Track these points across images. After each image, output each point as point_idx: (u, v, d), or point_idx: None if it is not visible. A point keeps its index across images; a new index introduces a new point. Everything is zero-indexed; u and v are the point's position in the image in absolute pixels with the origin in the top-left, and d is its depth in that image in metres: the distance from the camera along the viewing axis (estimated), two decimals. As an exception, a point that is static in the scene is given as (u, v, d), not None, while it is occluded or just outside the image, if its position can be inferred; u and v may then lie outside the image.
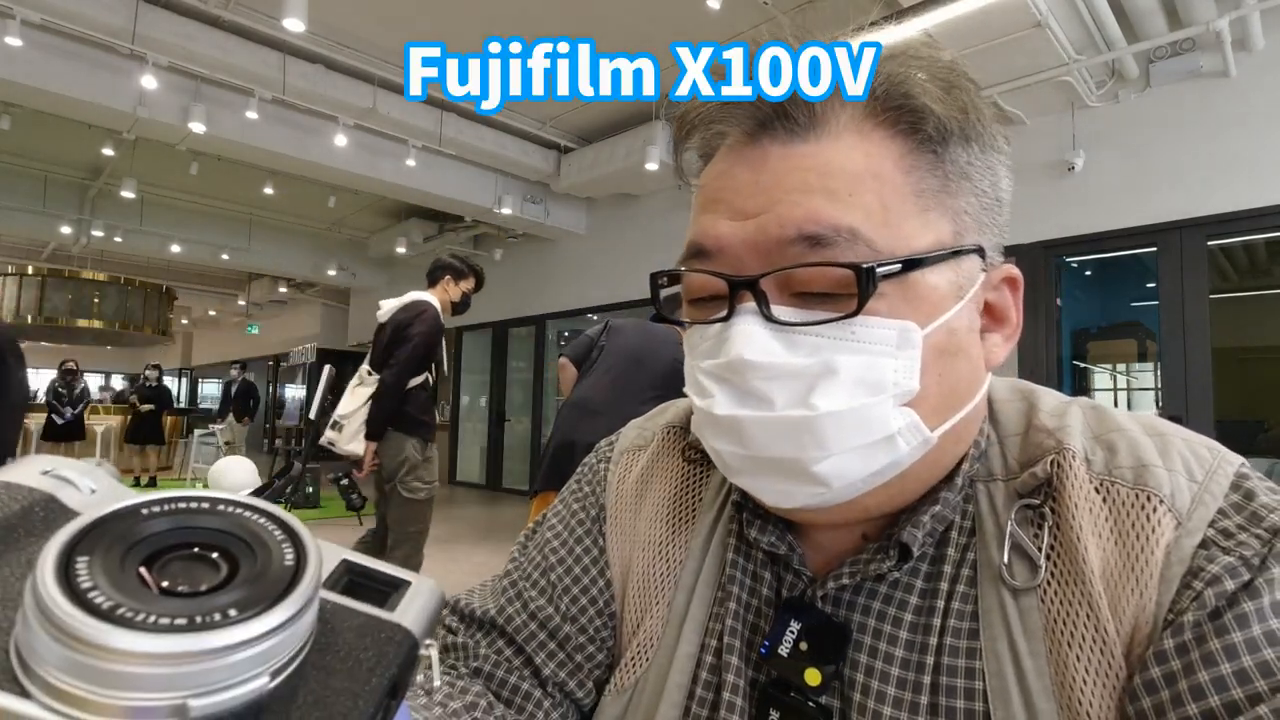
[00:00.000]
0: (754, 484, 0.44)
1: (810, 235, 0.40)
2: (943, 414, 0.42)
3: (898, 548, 0.44)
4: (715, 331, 0.43)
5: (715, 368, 0.42)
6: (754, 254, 0.41)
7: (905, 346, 0.40)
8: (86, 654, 0.16)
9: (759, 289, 0.41)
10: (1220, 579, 0.37)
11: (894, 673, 0.42)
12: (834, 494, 0.42)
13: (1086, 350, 5.98)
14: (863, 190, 0.40)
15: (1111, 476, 0.42)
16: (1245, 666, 0.34)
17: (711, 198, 0.44)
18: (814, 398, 0.39)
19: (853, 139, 0.42)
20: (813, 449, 0.40)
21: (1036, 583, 0.41)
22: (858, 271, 0.39)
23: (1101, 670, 0.38)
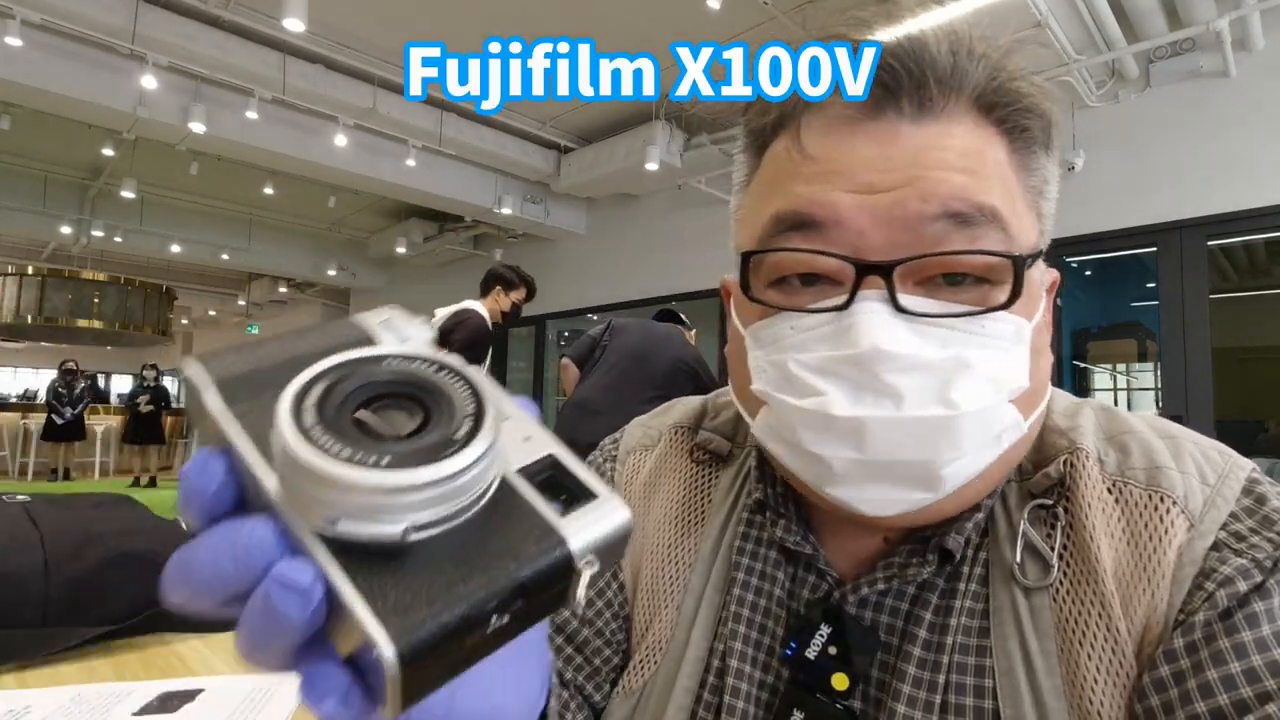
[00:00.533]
0: (857, 493, 0.40)
1: (956, 212, 0.38)
2: (1031, 410, 0.42)
3: (938, 553, 0.43)
4: (824, 320, 0.39)
5: (829, 361, 0.38)
6: (883, 231, 0.38)
7: (1019, 342, 0.39)
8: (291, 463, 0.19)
9: (891, 276, 0.38)
10: (1232, 580, 0.37)
11: (910, 672, 0.42)
12: (938, 498, 0.39)
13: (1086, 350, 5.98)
14: (994, 175, 0.40)
15: (1124, 477, 0.42)
16: (1255, 665, 0.34)
17: (822, 169, 0.40)
18: (953, 394, 0.37)
19: (973, 127, 0.41)
20: (947, 450, 0.37)
21: (1049, 582, 0.41)
22: (1015, 261, 0.38)
23: (1113, 669, 0.38)
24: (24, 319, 11.55)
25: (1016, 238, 0.39)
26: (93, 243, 9.78)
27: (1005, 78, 0.41)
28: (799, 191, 0.40)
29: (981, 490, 0.43)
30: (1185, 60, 4.13)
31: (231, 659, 0.91)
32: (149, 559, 0.98)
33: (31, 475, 9.65)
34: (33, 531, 0.94)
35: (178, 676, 0.85)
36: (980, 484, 0.42)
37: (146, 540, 1.00)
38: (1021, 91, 0.41)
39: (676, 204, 6.99)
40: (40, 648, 0.87)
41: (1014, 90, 0.41)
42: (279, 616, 0.19)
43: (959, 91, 0.40)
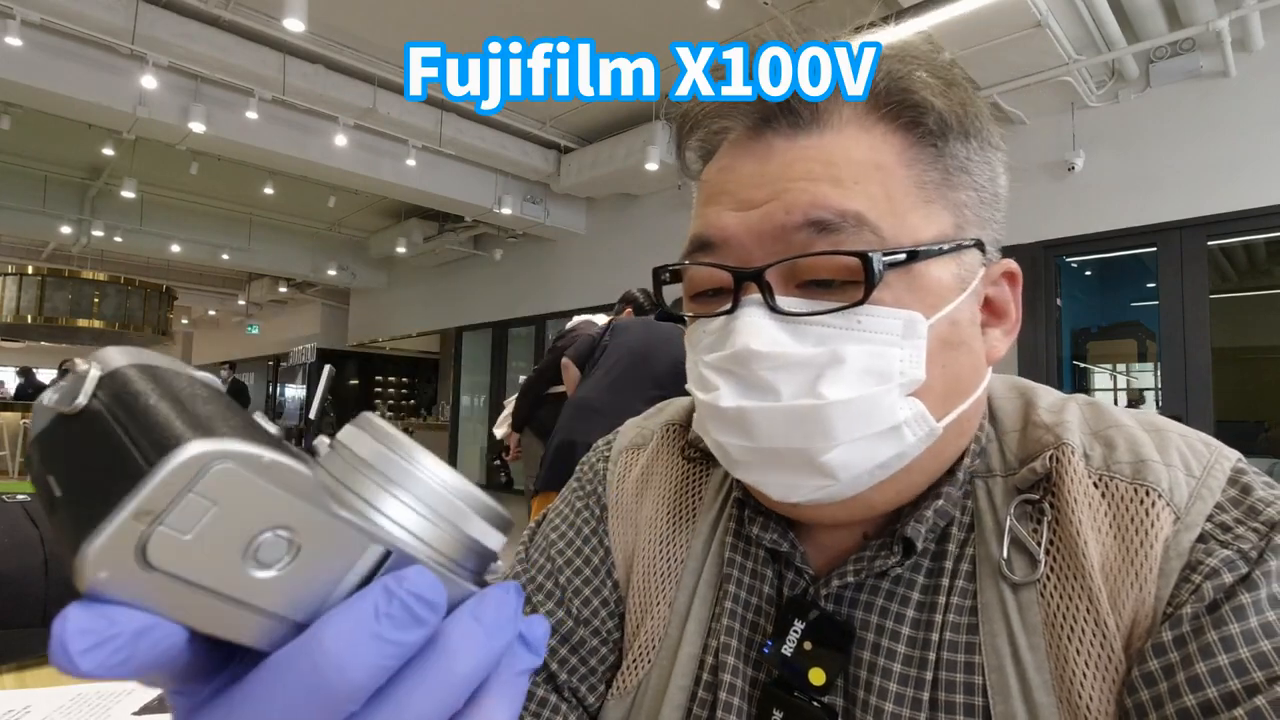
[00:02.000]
0: (759, 478, 0.43)
1: (817, 220, 0.40)
2: (947, 405, 0.42)
3: (901, 543, 0.44)
4: (719, 324, 0.43)
5: (720, 360, 0.42)
6: (759, 242, 0.42)
7: (911, 336, 0.40)
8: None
9: (764, 280, 0.41)
10: (1218, 572, 0.37)
11: (896, 669, 0.42)
12: (841, 486, 0.41)
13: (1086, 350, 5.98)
14: (867, 179, 0.41)
15: (1110, 472, 0.42)
16: (1242, 658, 0.34)
17: (715, 191, 0.45)
18: (821, 386, 0.39)
19: (855, 132, 0.42)
20: (820, 439, 0.40)
21: (1036, 577, 0.41)
22: (864, 259, 0.39)
23: (1101, 664, 0.38)
24: (24, 319, 11.54)
25: (891, 237, 0.40)
26: (93, 243, 9.78)
27: (885, 80, 0.43)
28: (704, 213, 0.45)
29: (912, 484, 0.44)
30: (1185, 60, 4.13)
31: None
32: (149, 559, 0.98)
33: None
34: (33, 531, 0.94)
35: (178, 676, 0.85)
36: (908, 477, 0.43)
37: (146, 540, 1.00)
38: (907, 89, 0.43)
39: (676, 204, 6.99)
40: (40, 648, 0.87)
41: (898, 90, 0.43)
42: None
43: (832, 103, 0.43)
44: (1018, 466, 0.45)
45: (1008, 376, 0.53)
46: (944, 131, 0.43)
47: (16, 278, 11.53)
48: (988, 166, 0.45)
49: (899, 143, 0.43)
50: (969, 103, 0.44)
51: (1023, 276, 0.48)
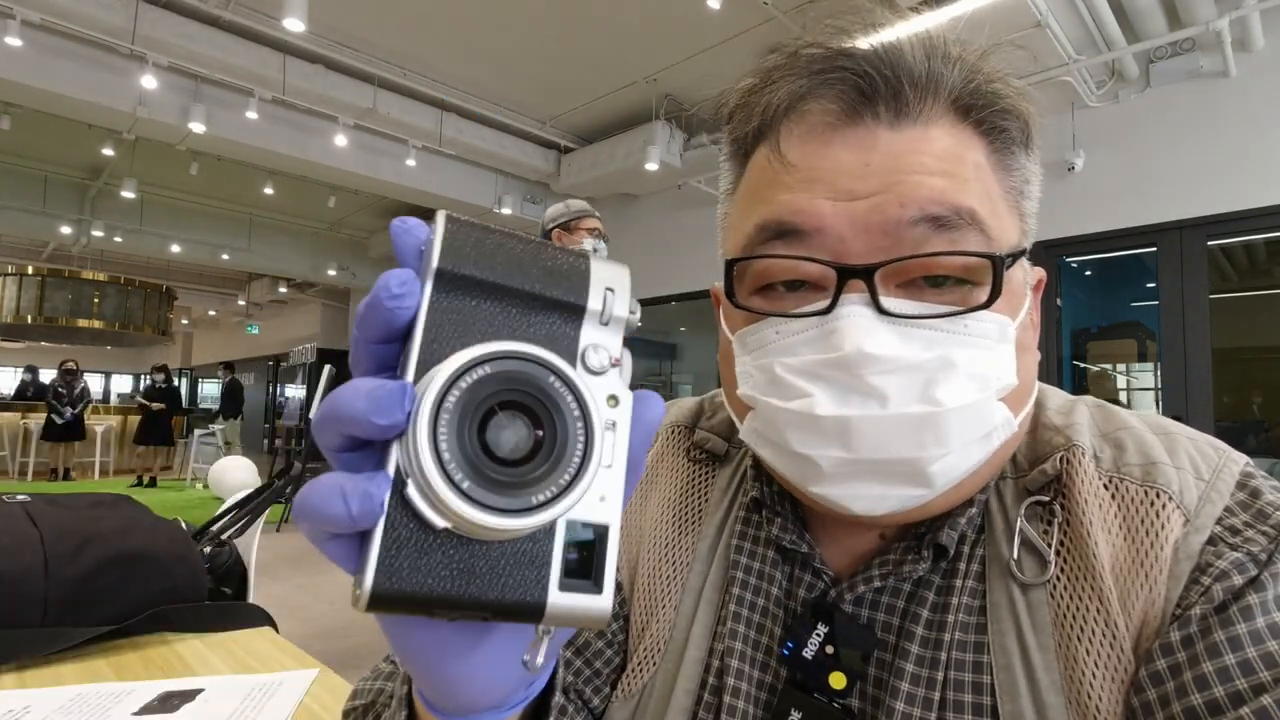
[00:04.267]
0: (849, 491, 0.40)
1: (935, 216, 0.38)
2: (1020, 407, 0.42)
3: (932, 549, 0.43)
4: (809, 324, 0.40)
5: (814, 364, 0.39)
6: (864, 236, 0.39)
7: (1003, 340, 0.40)
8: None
9: (873, 279, 0.38)
10: (1228, 574, 0.37)
11: (909, 669, 0.42)
12: (931, 495, 0.40)
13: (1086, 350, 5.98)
14: (973, 178, 0.40)
15: (1120, 474, 0.42)
16: (1249, 657, 0.35)
17: (803, 177, 0.41)
18: (937, 392, 0.38)
19: (950, 129, 0.41)
20: (934, 446, 0.38)
21: (1046, 578, 0.41)
22: (995, 261, 0.38)
23: (1111, 664, 0.38)
24: (24, 319, 11.55)
25: (996, 238, 0.40)
26: (93, 243, 9.78)
27: (982, 80, 0.42)
28: (781, 199, 0.41)
29: (972, 488, 0.43)
30: (1185, 60, 4.13)
31: (231, 659, 0.91)
32: (149, 559, 0.98)
33: (31, 475, 9.64)
34: (33, 531, 0.94)
35: (178, 676, 0.85)
36: (971, 482, 0.42)
37: (146, 540, 1.00)
38: (998, 93, 0.42)
39: (676, 204, 6.99)
40: (40, 648, 0.87)
41: (990, 92, 0.42)
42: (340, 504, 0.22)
43: (935, 95, 0.41)
44: (1028, 468, 0.45)
45: None
46: (1023, 141, 0.43)
47: (16, 278, 11.54)
48: (1038, 180, 0.46)
49: (985, 147, 0.42)
50: (1036, 115, 0.44)
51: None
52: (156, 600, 0.97)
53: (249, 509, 1.55)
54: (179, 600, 1.00)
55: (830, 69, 0.41)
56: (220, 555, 1.17)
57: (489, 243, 0.26)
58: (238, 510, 1.53)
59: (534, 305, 0.25)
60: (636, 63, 5.55)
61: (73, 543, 0.94)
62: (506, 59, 5.60)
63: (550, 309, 0.25)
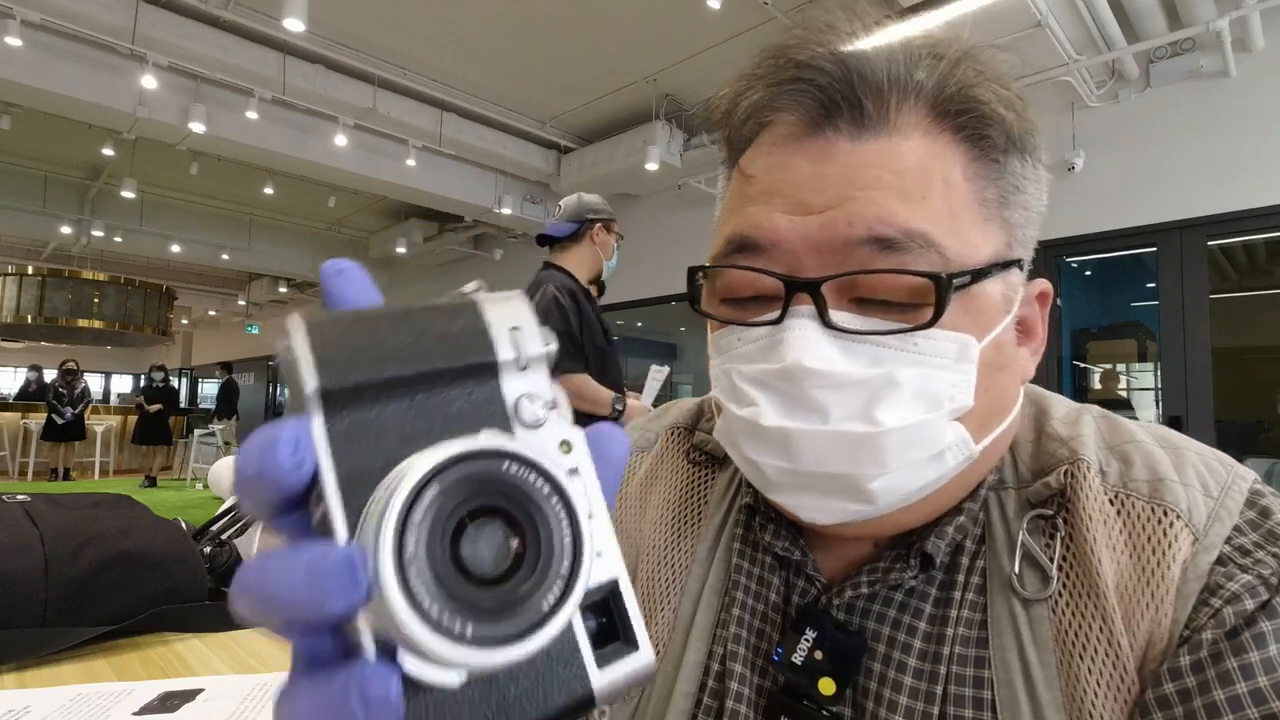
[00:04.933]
0: (793, 500, 0.41)
1: (882, 237, 0.38)
2: (986, 428, 0.41)
3: (919, 558, 0.43)
4: (762, 334, 0.40)
5: (762, 374, 0.39)
6: (815, 253, 0.39)
7: (963, 360, 0.39)
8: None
9: (819, 292, 0.39)
10: (1239, 597, 0.36)
11: (906, 682, 0.41)
12: (876, 511, 0.40)
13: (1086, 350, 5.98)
14: (934, 193, 0.39)
15: (1127, 489, 0.41)
16: (1261, 687, 0.34)
17: (764, 189, 0.41)
18: (877, 412, 0.37)
19: (921, 139, 0.40)
20: (870, 466, 0.38)
21: (1048, 593, 0.40)
22: (937, 281, 0.37)
23: (1114, 683, 0.37)
24: (24, 319, 11.55)
25: (954, 257, 0.38)
26: (93, 243, 9.78)
27: (957, 86, 0.41)
28: (746, 213, 0.42)
29: (941, 503, 0.43)
30: (1185, 60, 4.13)
31: (231, 659, 0.91)
32: (149, 559, 0.98)
33: (31, 475, 9.64)
34: (33, 531, 0.94)
35: (178, 676, 0.85)
36: (938, 498, 0.42)
37: (146, 540, 1.00)
38: (978, 99, 0.40)
39: (676, 204, 6.99)
40: (40, 648, 0.87)
41: (968, 98, 0.40)
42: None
43: (902, 104, 0.40)
44: (1030, 479, 0.44)
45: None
46: (1007, 147, 0.41)
47: (16, 278, 11.54)
48: (1036, 185, 0.44)
49: (963, 155, 0.41)
50: (1029, 118, 0.42)
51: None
52: (156, 600, 0.97)
53: (249, 509, 1.54)
54: (179, 600, 0.99)
55: (792, 80, 0.41)
56: (220, 555, 1.17)
57: (362, 332, 0.22)
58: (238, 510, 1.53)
59: (441, 383, 0.21)
60: (636, 63, 5.55)
61: (73, 543, 0.94)
62: (506, 59, 5.60)
63: (461, 379, 0.22)
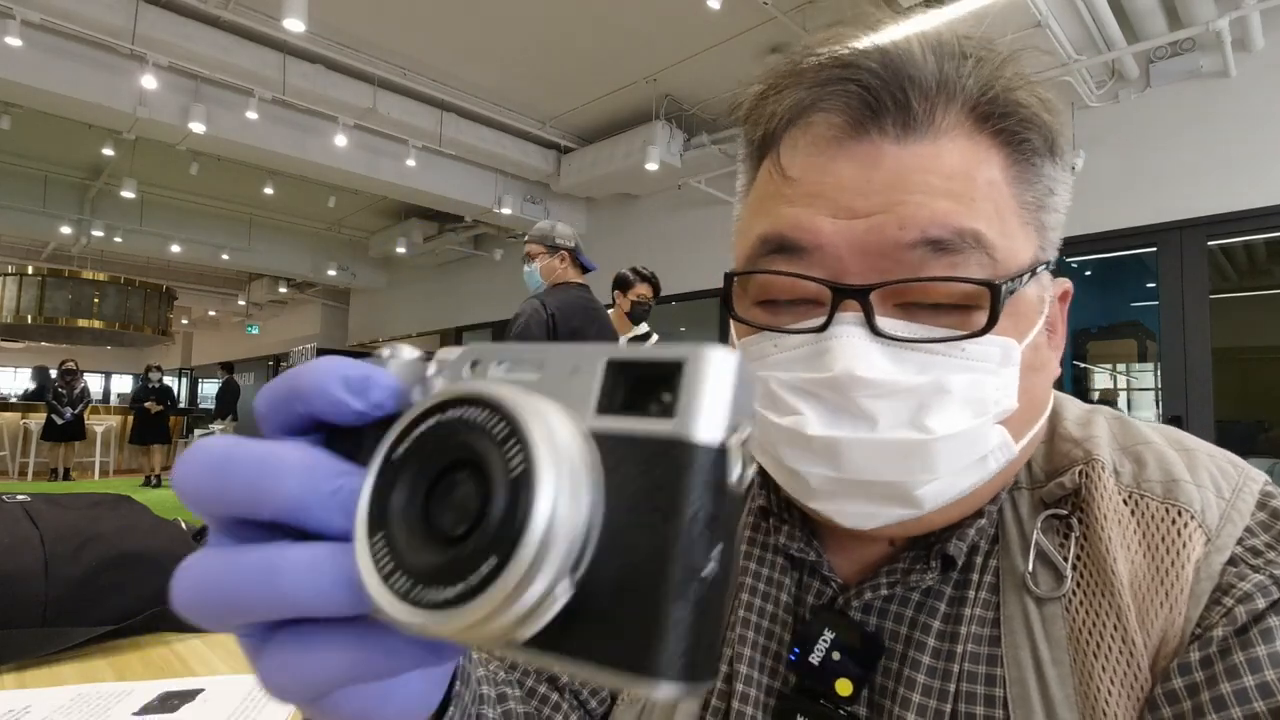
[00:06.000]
0: (837, 508, 0.41)
1: (935, 239, 0.37)
2: (1024, 429, 0.41)
3: (940, 559, 0.43)
4: (803, 341, 0.40)
5: (806, 382, 0.39)
6: (861, 257, 0.38)
7: (1007, 364, 0.39)
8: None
9: (867, 300, 0.38)
10: (1251, 596, 0.37)
11: (920, 680, 0.42)
12: (920, 514, 0.40)
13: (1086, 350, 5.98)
14: (981, 195, 0.39)
15: (1141, 490, 0.42)
16: (1268, 680, 0.34)
17: (806, 191, 0.40)
18: (927, 419, 0.37)
19: (965, 143, 0.40)
20: (921, 472, 0.38)
21: (1062, 592, 0.40)
22: (993, 289, 0.37)
23: (1127, 682, 0.38)
24: (24, 319, 11.55)
25: (1003, 260, 0.38)
26: (93, 243, 9.78)
27: (1001, 88, 0.40)
28: (783, 214, 0.41)
29: (972, 505, 0.43)
30: (1185, 60, 4.13)
31: (231, 659, 0.91)
32: (149, 559, 0.98)
33: (31, 475, 9.64)
34: (33, 531, 0.94)
35: (178, 676, 0.85)
36: (970, 500, 0.42)
37: (146, 540, 1.00)
38: (1019, 102, 0.40)
39: (676, 204, 6.99)
40: (40, 648, 0.87)
41: (1010, 101, 0.40)
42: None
43: (947, 105, 0.40)
44: (1044, 479, 0.45)
45: None
46: (1045, 151, 0.41)
47: (16, 278, 11.53)
48: (1065, 188, 0.44)
49: (1003, 158, 0.40)
50: (1060, 123, 0.42)
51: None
52: (156, 600, 0.97)
53: (249, 509, 1.54)
54: (179, 600, 0.99)
55: (835, 80, 0.40)
56: (220, 555, 1.18)
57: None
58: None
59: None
60: (636, 63, 5.55)
61: (73, 543, 0.94)
62: (506, 59, 5.60)
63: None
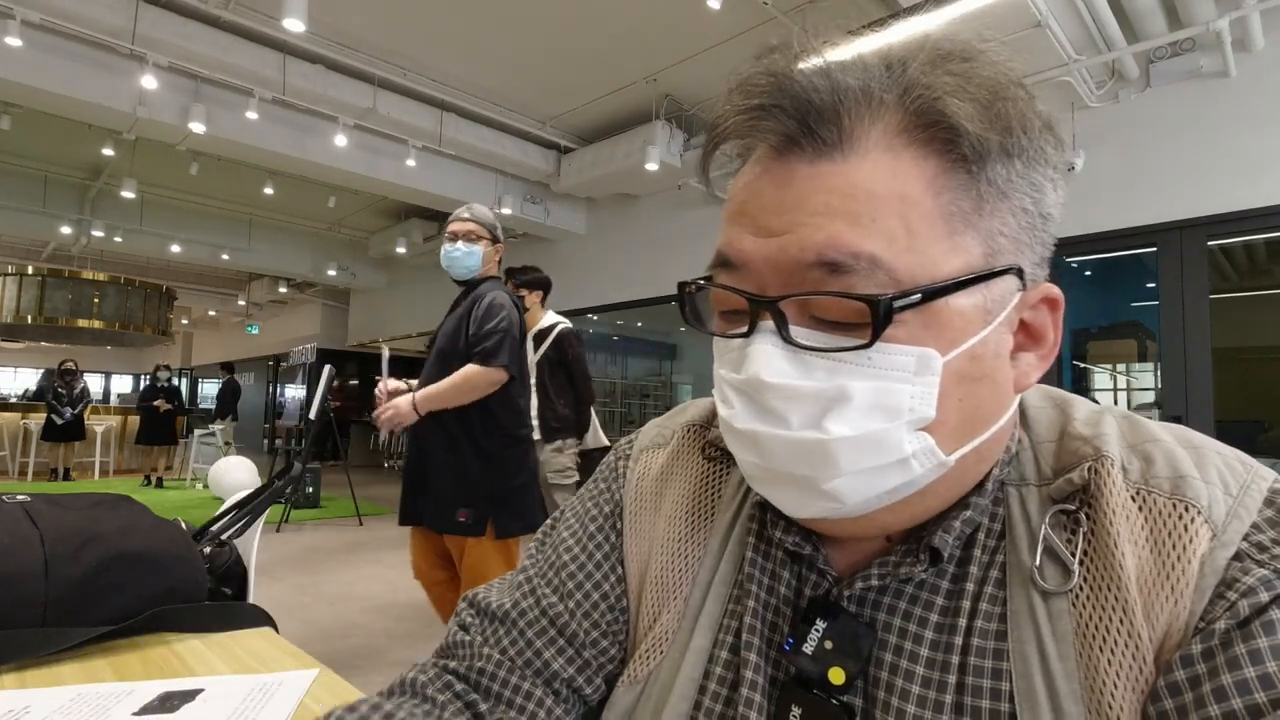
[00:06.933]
0: (772, 493, 0.45)
1: (829, 261, 0.39)
2: (963, 437, 0.42)
3: (928, 552, 0.44)
4: (737, 346, 0.43)
5: (735, 382, 0.43)
6: (775, 273, 0.41)
7: (924, 373, 0.40)
8: None
9: (778, 310, 0.41)
10: (1255, 590, 0.37)
11: (919, 672, 0.43)
12: (848, 509, 0.42)
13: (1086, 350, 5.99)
14: (887, 214, 0.39)
15: (1148, 486, 0.42)
16: (1269, 671, 0.35)
17: (738, 210, 0.44)
18: (827, 421, 0.40)
19: (882, 158, 0.40)
20: (823, 469, 0.41)
21: (1069, 587, 0.41)
22: (872, 305, 0.38)
23: (1132, 675, 0.38)
24: (24, 319, 11.54)
25: (909, 276, 0.39)
26: (93, 243, 9.77)
27: (921, 100, 0.40)
28: (726, 231, 0.45)
29: (928, 506, 0.44)
30: (1185, 60, 4.13)
31: (231, 659, 0.91)
32: (149, 559, 0.98)
33: (31, 475, 9.65)
34: (33, 531, 0.94)
35: (178, 676, 0.85)
36: (924, 500, 0.44)
37: (146, 540, 1.00)
38: (943, 111, 0.40)
39: (676, 204, 6.99)
40: (40, 648, 0.87)
41: (933, 110, 0.40)
42: None
43: (864, 125, 0.41)
44: (1053, 476, 0.45)
45: (1041, 385, 0.52)
46: (981, 156, 0.41)
47: (16, 278, 11.52)
48: (1033, 188, 0.43)
49: (930, 169, 0.40)
50: (1015, 120, 0.41)
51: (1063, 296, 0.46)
52: (156, 600, 0.97)
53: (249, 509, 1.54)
54: (179, 600, 0.99)
55: (761, 107, 0.42)
56: (220, 555, 1.17)
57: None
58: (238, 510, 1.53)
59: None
60: (636, 63, 5.55)
61: (73, 543, 0.94)
62: (506, 59, 5.60)
63: None
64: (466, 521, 2.33)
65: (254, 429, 15.80)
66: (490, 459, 2.39)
